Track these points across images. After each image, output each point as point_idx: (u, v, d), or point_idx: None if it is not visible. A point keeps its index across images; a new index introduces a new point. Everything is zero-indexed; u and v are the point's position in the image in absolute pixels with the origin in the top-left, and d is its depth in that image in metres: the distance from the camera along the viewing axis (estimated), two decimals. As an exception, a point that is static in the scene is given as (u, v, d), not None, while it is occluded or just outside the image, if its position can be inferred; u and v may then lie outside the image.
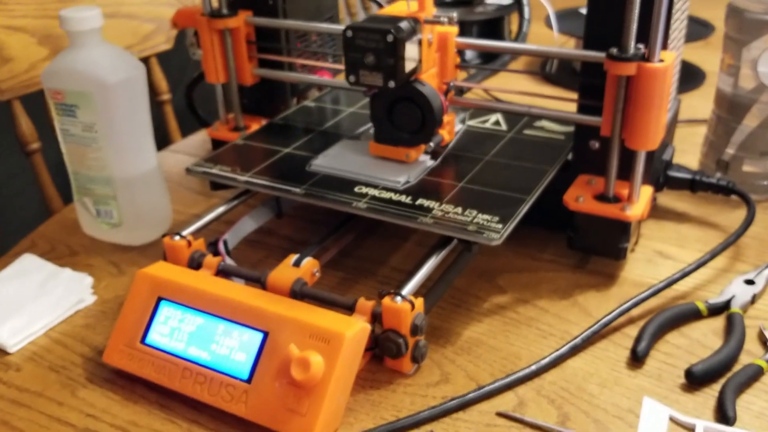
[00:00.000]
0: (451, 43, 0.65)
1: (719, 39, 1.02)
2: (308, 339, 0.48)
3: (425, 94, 0.62)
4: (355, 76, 0.60)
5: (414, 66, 0.61)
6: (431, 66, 0.64)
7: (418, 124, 0.63)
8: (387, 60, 0.58)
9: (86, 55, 0.63)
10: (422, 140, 0.64)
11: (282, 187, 0.62)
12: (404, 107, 0.63)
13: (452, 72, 0.66)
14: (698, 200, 0.73)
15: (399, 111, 0.64)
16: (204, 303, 0.53)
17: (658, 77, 0.54)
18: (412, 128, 0.64)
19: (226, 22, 0.73)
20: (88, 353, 0.58)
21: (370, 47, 0.58)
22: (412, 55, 0.60)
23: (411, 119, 0.63)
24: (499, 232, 0.54)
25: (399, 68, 0.58)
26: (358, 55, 0.59)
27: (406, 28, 0.59)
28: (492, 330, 0.57)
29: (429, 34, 0.62)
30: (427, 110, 0.62)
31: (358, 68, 0.60)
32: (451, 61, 0.65)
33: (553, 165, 0.64)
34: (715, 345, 0.55)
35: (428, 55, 0.63)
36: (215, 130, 0.79)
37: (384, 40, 0.58)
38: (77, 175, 0.69)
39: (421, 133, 0.64)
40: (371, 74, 0.59)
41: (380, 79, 0.59)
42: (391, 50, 0.58)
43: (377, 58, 0.58)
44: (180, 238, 0.59)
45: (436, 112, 0.62)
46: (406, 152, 0.65)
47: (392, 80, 0.59)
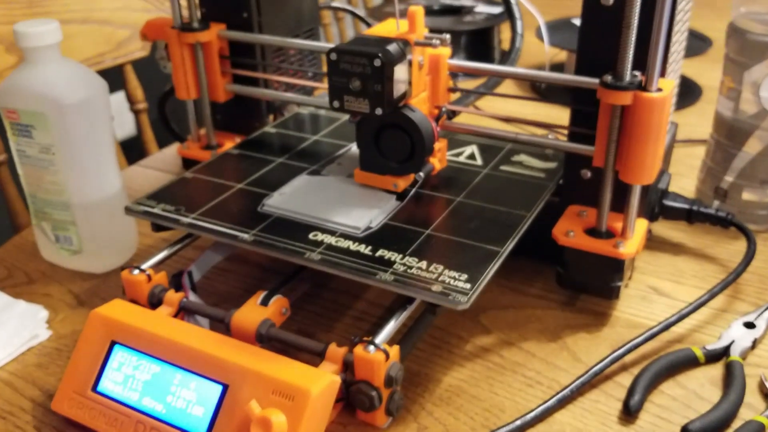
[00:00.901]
0: (444, 66, 0.60)
1: (716, 52, 0.99)
2: (271, 395, 0.44)
3: (415, 121, 0.57)
4: (339, 101, 0.55)
5: (403, 91, 0.56)
6: (422, 90, 0.59)
7: (407, 153, 0.59)
8: (374, 86, 0.53)
9: (42, 73, 0.59)
10: (412, 169, 0.59)
11: (228, 231, 0.56)
12: (392, 134, 0.58)
13: (444, 96, 0.62)
14: (695, 230, 0.69)
15: (387, 138, 0.59)
16: (160, 349, 0.48)
17: (655, 108, 0.50)
18: (401, 156, 0.59)
19: (197, 35, 0.68)
20: (38, 398, 0.53)
21: (356, 72, 0.54)
22: (401, 79, 0.55)
23: (400, 147, 0.59)
24: (467, 294, 0.48)
25: (387, 95, 0.54)
26: (342, 80, 0.54)
27: (395, 52, 0.54)
28: (474, 376, 0.53)
29: (420, 57, 0.57)
30: (416, 138, 0.58)
31: (343, 94, 0.55)
32: (444, 84, 0.61)
33: (530, 210, 0.58)
34: (713, 397, 0.51)
35: (419, 78, 0.58)
36: (186, 149, 0.75)
37: (371, 64, 0.53)
38: (34, 199, 0.65)
39: (410, 162, 0.59)
40: (357, 100, 0.55)
41: (367, 105, 0.54)
42: (378, 75, 0.53)
43: (363, 83, 0.54)
44: (139, 272, 0.55)
45: (427, 140, 0.58)
46: (393, 181, 0.60)
47: (380, 107, 0.54)
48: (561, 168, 0.62)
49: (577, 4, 0.55)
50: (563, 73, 1.03)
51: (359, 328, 0.59)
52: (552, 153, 0.67)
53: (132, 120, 1.84)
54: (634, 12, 0.49)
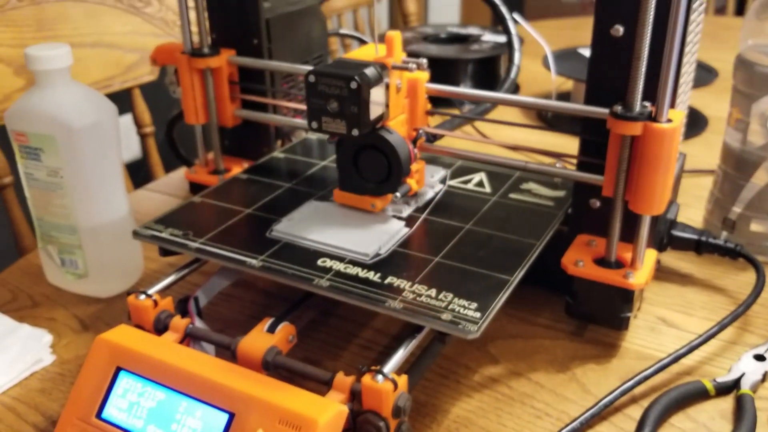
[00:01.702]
0: (422, 89, 0.61)
1: (722, 83, 0.99)
2: (278, 424, 0.43)
3: (392, 143, 0.58)
4: (317, 122, 0.56)
5: (380, 113, 0.57)
6: (400, 112, 0.60)
7: (384, 173, 0.59)
8: (351, 108, 0.54)
9: (52, 97, 0.59)
10: (389, 190, 0.60)
11: (237, 257, 0.56)
12: (370, 155, 0.59)
13: (423, 119, 0.62)
14: (703, 261, 0.69)
15: (365, 159, 0.60)
16: (166, 376, 0.48)
17: (665, 139, 0.50)
18: (378, 177, 0.60)
19: (208, 61, 0.69)
20: (41, 423, 0.53)
21: (334, 94, 0.54)
22: (378, 101, 0.56)
23: (377, 168, 0.59)
24: (477, 323, 0.48)
25: (363, 116, 0.55)
26: (320, 102, 0.55)
27: (371, 75, 0.55)
28: (482, 407, 0.53)
29: (397, 80, 0.58)
30: (393, 159, 0.58)
31: (321, 115, 0.56)
32: (422, 107, 0.62)
33: (540, 238, 0.58)
34: (724, 430, 0.50)
35: (396, 101, 0.59)
36: (193, 173, 0.75)
37: (348, 86, 0.54)
38: (41, 222, 0.64)
39: (387, 183, 0.60)
40: (334, 121, 0.55)
41: (344, 126, 0.55)
42: (355, 97, 0.54)
43: (341, 105, 0.55)
44: (146, 297, 0.54)
45: (403, 161, 0.58)
46: (371, 201, 0.61)
47: (356, 128, 0.55)
48: (570, 196, 0.62)
49: (584, 34, 0.56)
50: (570, 101, 1.04)
51: (366, 357, 0.58)
52: (561, 181, 0.67)
53: (138, 143, 1.85)
54: (644, 43, 0.49)
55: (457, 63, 1.06)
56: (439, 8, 2.54)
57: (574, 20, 1.52)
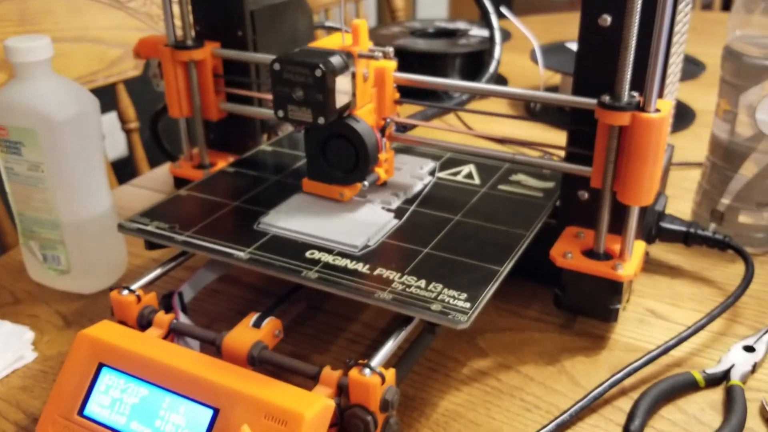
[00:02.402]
0: (389, 78, 0.61)
1: (709, 77, 0.99)
2: (263, 419, 0.43)
3: (358, 131, 0.57)
4: (283, 111, 0.56)
5: (346, 101, 0.57)
6: (367, 101, 0.60)
7: (352, 162, 0.59)
8: (316, 96, 0.54)
9: (33, 89, 0.58)
10: (357, 179, 0.60)
11: (224, 249, 0.55)
12: (337, 144, 0.59)
13: (391, 107, 0.62)
14: (692, 253, 0.69)
15: (332, 148, 0.59)
16: (149, 372, 0.47)
17: (654, 128, 0.50)
18: (346, 166, 0.59)
19: (191, 53, 0.68)
20: (22, 421, 0.52)
21: (299, 81, 0.54)
22: (344, 89, 0.56)
23: (345, 157, 0.59)
24: (467, 313, 0.47)
25: (329, 104, 0.54)
26: (286, 89, 0.55)
27: (336, 63, 0.54)
28: (472, 401, 0.52)
29: (364, 69, 0.58)
30: (361, 148, 0.58)
31: (287, 103, 0.55)
32: (389, 96, 0.61)
33: (529, 229, 0.58)
34: (714, 421, 0.50)
35: (364, 90, 0.59)
36: (178, 167, 0.74)
37: (312, 74, 0.53)
38: (23, 217, 0.63)
39: (355, 172, 0.59)
40: (300, 110, 0.55)
41: (309, 115, 0.55)
42: (320, 85, 0.54)
43: (306, 93, 0.54)
44: (129, 292, 0.53)
45: (370, 150, 0.58)
46: (340, 191, 0.60)
47: (321, 116, 0.55)
48: (559, 188, 0.62)
49: (571, 29, 0.55)
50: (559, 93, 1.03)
51: (354, 351, 0.57)
52: (550, 173, 0.67)
53: (123, 140, 1.83)
54: (632, 32, 0.49)
55: (444, 57, 1.06)
56: (427, 3, 2.54)
57: (561, 15, 1.52)
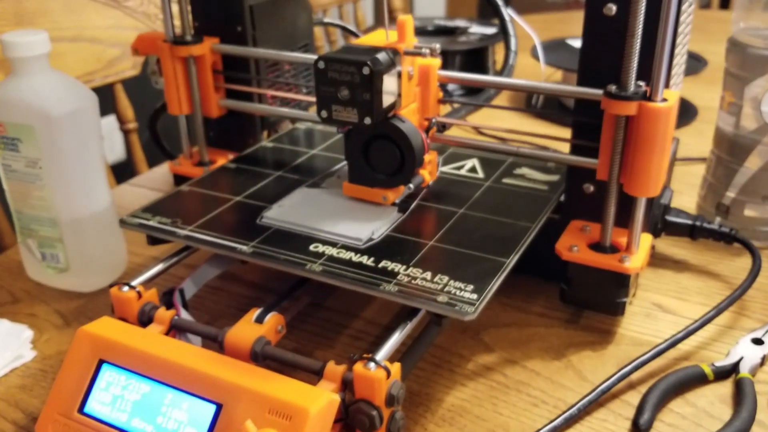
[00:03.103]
0: (434, 77, 0.59)
1: (711, 73, 0.99)
2: (267, 414, 0.42)
3: (404, 132, 0.56)
4: (327, 111, 0.54)
5: (392, 101, 0.55)
6: (411, 101, 0.58)
7: (396, 164, 0.57)
8: (363, 95, 0.52)
9: (29, 85, 0.57)
10: (401, 181, 0.58)
11: (227, 243, 0.54)
12: (381, 145, 0.57)
13: (434, 107, 0.60)
14: (697, 247, 0.68)
15: (376, 150, 0.58)
16: (150, 368, 0.46)
17: (661, 118, 0.49)
18: (390, 168, 0.58)
19: (190, 49, 0.67)
20: (21, 420, 0.51)
21: (345, 80, 0.52)
22: (390, 89, 0.54)
23: (389, 159, 0.57)
24: (474, 304, 0.47)
25: (376, 104, 0.53)
26: (331, 89, 0.53)
27: (384, 60, 0.53)
28: (477, 396, 0.51)
29: (409, 67, 0.56)
30: (406, 149, 0.56)
31: (331, 103, 0.54)
32: (434, 95, 0.60)
33: (534, 221, 0.57)
34: (724, 414, 0.49)
35: (408, 89, 0.57)
36: (177, 165, 0.73)
37: (360, 72, 0.52)
38: (20, 215, 0.63)
39: (399, 174, 0.58)
40: (345, 110, 0.53)
41: (355, 115, 0.53)
42: (367, 84, 0.52)
43: (352, 92, 0.53)
44: (129, 288, 0.53)
45: (417, 151, 0.57)
46: (383, 194, 0.59)
47: (368, 117, 0.53)
48: (564, 181, 0.61)
49: (571, 27, 0.55)
50: (558, 92, 1.03)
51: (357, 348, 0.57)
52: (554, 166, 0.66)
53: (122, 144, 1.83)
54: (638, 20, 0.48)
55: (445, 55, 1.05)
56: (425, 3, 2.53)
57: (560, 14, 1.52)
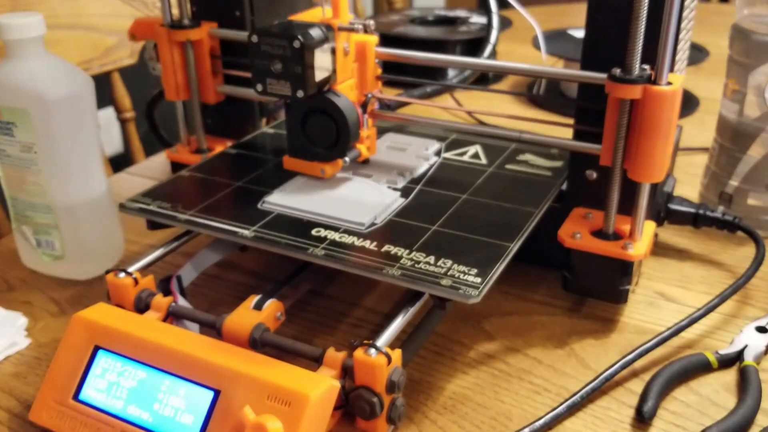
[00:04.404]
0: (371, 53, 0.59)
1: (712, 65, 0.98)
2: (266, 400, 0.41)
3: (339, 105, 0.56)
4: (262, 84, 0.55)
5: (326, 75, 0.55)
6: (348, 77, 0.58)
7: (332, 138, 0.58)
8: (295, 68, 0.53)
9: (24, 68, 0.56)
10: (337, 155, 0.59)
11: (228, 228, 0.54)
12: (318, 119, 0.58)
13: (373, 83, 0.61)
14: (700, 236, 0.67)
15: (313, 123, 0.58)
16: (147, 354, 0.45)
17: (666, 102, 0.49)
18: (327, 142, 0.58)
19: (188, 33, 0.66)
20: (15, 408, 0.50)
21: (277, 54, 0.53)
22: (323, 63, 0.55)
23: (325, 132, 0.58)
24: (478, 288, 0.46)
25: (308, 77, 0.53)
26: (265, 62, 0.54)
27: (316, 35, 0.53)
28: (479, 384, 0.51)
29: (345, 43, 0.57)
30: (341, 123, 0.57)
31: (266, 77, 0.54)
32: (371, 72, 0.60)
33: (538, 207, 0.56)
34: (728, 402, 0.49)
35: (344, 64, 0.57)
36: (175, 153, 0.72)
37: (291, 46, 0.52)
38: (15, 201, 0.62)
39: (336, 148, 0.58)
40: (279, 83, 0.54)
41: (288, 88, 0.54)
42: (298, 58, 0.53)
43: (285, 65, 0.53)
44: (125, 275, 0.52)
45: (351, 125, 0.57)
46: (321, 167, 0.60)
47: (300, 90, 0.54)
48: (567, 167, 0.60)
49: (572, 18, 0.54)
50: (561, 83, 1.02)
51: (357, 335, 0.56)
52: (558, 152, 0.65)
53: (119, 136, 1.82)
54: (643, 3, 0.47)
55: (445, 44, 1.04)
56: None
57: (560, 6, 1.51)
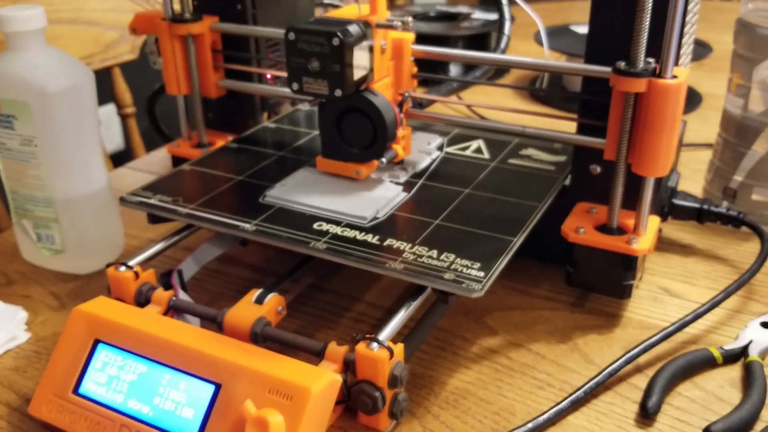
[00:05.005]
0: (407, 51, 0.58)
1: (715, 61, 0.98)
2: (267, 394, 0.41)
3: (377, 105, 0.55)
4: (298, 83, 0.54)
5: (364, 74, 0.54)
6: (384, 75, 0.57)
7: (369, 138, 0.57)
8: (333, 66, 0.52)
9: (25, 60, 0.56)
10: (373, 155, 0.57)
11: (229, 221, 0.53)
12: (354, 119, 0.57)
13: (408, 82, 0.60)
14: (704, 231, 0.67)
15: (348, 123, 0.57)
16: (147, 347, 0.45)
17: (671, 95, 0.48)
18: (363, 142, 0.57)
19: (189, 27, 0.66)
20: (14, 402, 0.50)
21: (315, 52, 0.52)
22: (361, 62, 0.54)
23: (361, 132, 0.57)
24: (481, 282, 0.46)
25: (346, 75, 0.52)
26: (301, 61, 0.53)
27: (354, 32, 0.52)
28: (482, 379, 0.50)
29: (382, 40, 0.56)
30: (378, 122, 0.56)
31: (302, 75, 0.53)
32: (407, 70, 0.59)
33: (541, 201, 0.56)
34: (733, 398, 0.48)
35: (381, 62, 0.56)
36: (176, 147, 0.72)
37: (329, 43, 0.51)
38: (15, 195, 0.61)
39: (372, 148, 0.57)
40: (316, 82, 0.53)
41: (326, 87, 0.53)
42: (337, 55, 0.51)
43: (322, 64, 0.52)
44: (126, 268, 0.51)
45: (389, 125, 0.56)
46: (356, 168, 0.58)
47: (339, 89, 0.53)
48: (570, 161, 0.60)
49: (574, 15, 0.54)
50: (563, 78, 1.02)
51: (359, 330, 0.56)
52: (561, 147, 0.65)
53: (120, 133, 1.81)
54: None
55: (447, 40, 1.04)
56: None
57: (563, 2, 1.50)
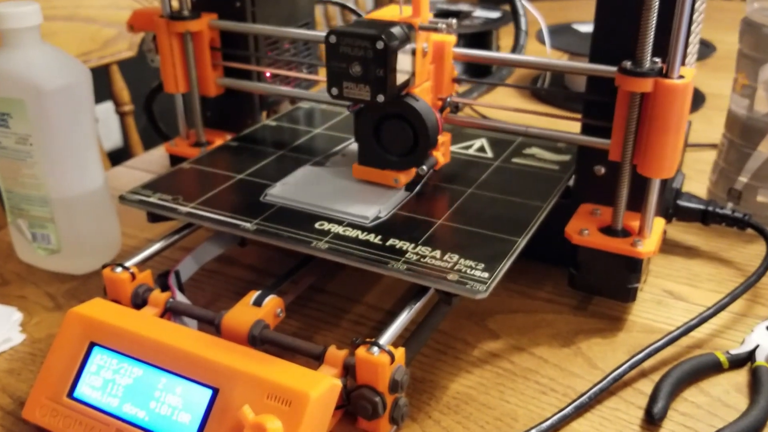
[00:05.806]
0: (449, 54, 0.57)
1: (719, 61, 0.97)
2: (266, 399, 0.40)
3: (419, 111, 0.53)
4: (338, 88, 0.52)
5: (406, 78, 0.53)
6: (425, 79, 0.56)
7: (409, 145, 0.55)
8: (376, 71, 0.50)
9: (21, 58, 0.55)
10: (414, 163, 0.56)
11: (230, 220, 0.53)
12: (394, 125, 0.55)
13: (449, 86, 0.58)
14: (708, 233, 0.66)
15: (388, 129, 0.55)
16: (143, 351, 0.44)
17: (677, 95, 0.47)
18: (403, 149, 0.55)
19: (187, 24, 0.65)
20: (8, 405, 0.49)
21: (357, 56, 0.50)
22: (404, 66, 0.52)
23: (401, 139, 0.55)
24: (485, 283, 0.45)
25: (389, 80, 0.50)
26: (342, 65, 0.51)
27: (398, 35, 0.51)
28: (483, 383, 0.50)
29: (424, 43, 0.54)
30: (420, 129, 0.54)
31: (342, 80, 0.51)
32: (448, 74, 0.57)
33: (546, 201, 0.55)
34: (740, 404, 0.48)
35: (422, 66, 0.55)
36: (174, 146, 0.71)
37: (373, 47, 0.50)
38: (10, 194, 0.60)
39: (412, 155, 0.55)
40: (357, 87, 0.51)
41: (368, 92, 0.51)
42: (381, 59, 0.50)
43: (365, 68, 0.50)
44: (122, 269, 0.51)
45: (431, 132, 0.54)
46: (394, 176, 0.56)
47: (381, 94, 0.51)
48: (574, 161, 0.59)
49: (576, 13, 0.53)
50: (565, 77, 1.01)
51: (359, 333, 0.55)
52: (564, 146, 0.64)
53: (118, 130, 1.80)
54: (654, -7, 0.46)
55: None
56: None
57: (566, 2, 1.49)
